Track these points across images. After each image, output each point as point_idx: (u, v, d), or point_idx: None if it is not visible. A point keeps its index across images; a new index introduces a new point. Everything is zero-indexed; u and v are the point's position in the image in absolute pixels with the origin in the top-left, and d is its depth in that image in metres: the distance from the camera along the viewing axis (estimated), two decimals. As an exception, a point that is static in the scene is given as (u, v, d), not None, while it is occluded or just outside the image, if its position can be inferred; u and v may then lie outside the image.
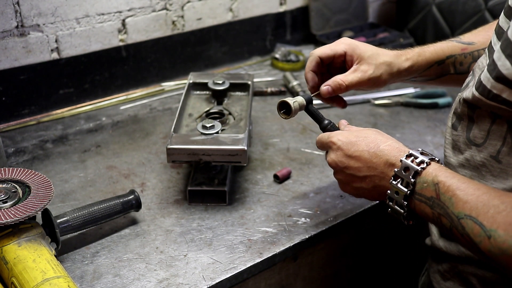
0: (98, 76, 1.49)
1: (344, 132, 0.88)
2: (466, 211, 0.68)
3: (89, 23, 1.41)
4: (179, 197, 1.12)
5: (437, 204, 0.72)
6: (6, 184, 0.92)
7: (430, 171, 0.75)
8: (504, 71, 0.69)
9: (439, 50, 1.03)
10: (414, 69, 1.02)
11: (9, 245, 0.84)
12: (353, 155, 0.84)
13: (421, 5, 1.89)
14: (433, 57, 1.03)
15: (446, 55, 1.03)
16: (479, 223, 0.66)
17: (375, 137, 0.84)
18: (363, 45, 1.00)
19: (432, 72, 1.05)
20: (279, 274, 1.08)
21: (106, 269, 0.94)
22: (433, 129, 1.40)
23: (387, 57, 1.00)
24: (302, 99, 0.95)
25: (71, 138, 1.34)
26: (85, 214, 0.96)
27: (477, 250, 0.67)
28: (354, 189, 0.86)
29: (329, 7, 1.85)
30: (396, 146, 0.82)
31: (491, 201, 0.66)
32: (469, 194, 0.69)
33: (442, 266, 0.88)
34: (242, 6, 1.68)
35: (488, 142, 0.76)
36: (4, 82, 1.34)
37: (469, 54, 1.04)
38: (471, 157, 0.79)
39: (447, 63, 1.04)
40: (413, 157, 0.77)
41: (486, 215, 0.66)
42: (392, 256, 1.38)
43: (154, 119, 1.43)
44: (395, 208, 0.79)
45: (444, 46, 1.04)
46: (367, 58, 0.98)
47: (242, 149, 1.03)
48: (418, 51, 1.03)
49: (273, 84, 1.62)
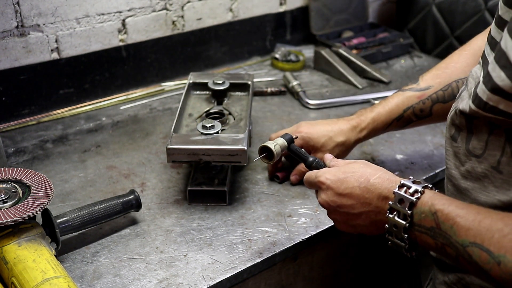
0: (98, 76, 1.49)
1: (332, 169, 0.85)
2: (471, 238, 0.65)
3: (89, 23, 1.41)
4: (179, 197, 1.12)
5: (438, 234, 0.70)
6: (6, 184, 0.92)
7: (425, 200, 0.73)
8: (499, 83, 0.67)
9: (395, 107, 1.11)
10: (372, 134, 1.14)
11: (9, 245, 0.84)
12: (344, 193, 0.81)
13: (421, 5, 1.89)
14: (390, 116, 1.11)
15: (402, 109, 1.10)
16: (486, 249, 0.64)
17: (364, 171, 0.81)
18: (316, 134, 1.12)
19: (393, 127, 1.13)
20: (279, 274, 1.08)
21: (106, 269, 0.94)
22: (433, 129, 1.40)
23: (340, 137, 1.12)
24: (282, 141, 0.96)
25: (71, 138, 1.34)
26: (85, 214, 0.96)
27: (488, 277, 0.65)
28: (352, 227, 0.84)
29: (329, 7, 1.85)
30: (386, 178, 0.79)
31: (494, 225, 0.64)
32: (470, 220, 0.66)
33: (448, 277, 0.86)
34: (242, 6, 1.68)
35: (487, 153, 0.74)
36: (4, 82, 1.34)
37: (427, 99, 1.09)
38: (472, 169, 0.77)
39: (406, 116, 1.11)
40: (406, 187, 0.75)
41: (491, 240, 0.63)
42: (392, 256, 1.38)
43: (154, 119, 1.43)
44: (396, 242, 0.77)
45: (400, 101, 1.11)
46: (321, 147, 1.12)
47: (242, 149, 1.03)
48: (373, 117, 1.12)
49: (273, 84, 1.62)
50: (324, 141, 1.11)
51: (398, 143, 1.32)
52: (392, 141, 1.33)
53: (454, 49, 1.16)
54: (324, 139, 1.11)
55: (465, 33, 1.76)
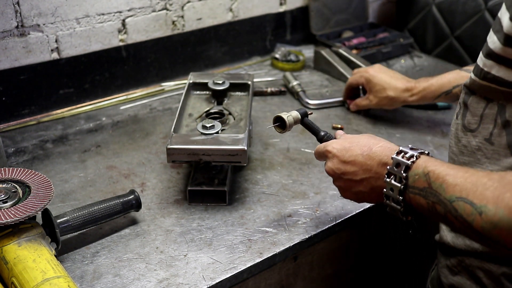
0: (98, 76, 1.49)
1: (339, 140, 0.92)
2: (457, 193, 0.70)
3: (89, 23, 1.41)
4: (179, 197, 1.12)
5: (430, 193, 0.74)
6: (6, 184, 0.92)
7: (420, 163, 0.77)
8: (491, 46, 0.74)
9: (446, 82, 1.26)
10: (421, 101, 1.32)
11: (9, 245, 0.84)
12: (348, 160, 0.87)
13: (421, 5, 1.89)
14: (440, 89, 1.27)
15: (452, 85, 1.25)
16: (470, 202, 0.68)
17: (368, 141, 0.87)
18: (377, 79, 1.36)
19: (442, 99, 1.29)
20: (279, 274, 1.08)
21: (106, 269, 0.94)
22: (433, 129, 1.40)
23: (392, 91, 1.33)
24: (296, 113, 1.00)
25: (71, 138, 1.34)
26: (85, 214, 0.96)
27: (472, 230, 0.68)
28: (354, 194, 0.89)
29: (329, 7, 1.85)
30: (388, 146, 0.85)
31: (479, 180, 0.68)
32: (458, 177, 0.71)
33: (450, 260, 0.89)
34: (242, 6, 1.68)
35: (481, 127, 0.80)
36: (4, 82, 1.34)
37: None
38: (467, 143, 0.83)
39: (454, 92, 1.25)
40: (403, 153, 0.80)
41: (475, 193, 0.67)
42: (392, 256, 1.38)
43: (154, 119, 1.43)
44: (392, 205, 0.80)
45: (452, 77, 1.26)
46: (375, 91, 1.37)
47: (242, 149, 1.03)
48: (425, 86, 1.29)
49: (273, 84, 1.62)
50: (378, 89, 1.35)
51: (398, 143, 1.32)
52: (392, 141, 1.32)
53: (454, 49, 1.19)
54: (379, 87, 1.35)
55: (465, 33, 1.76)
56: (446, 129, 1.40)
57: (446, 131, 1.39)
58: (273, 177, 1.19)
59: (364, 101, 1.40)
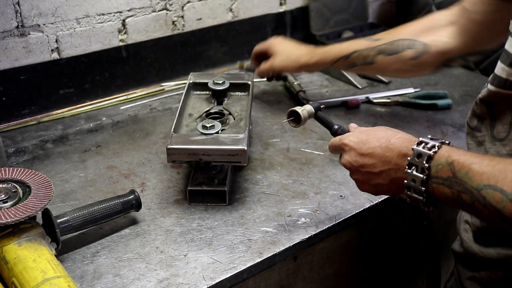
0: (98, 76, 1.49)
1: (355, 132, 0.90)
2: (485, 181, 0.69)
3: (89, 23, 1.42)
4: (179, 197, 1.12)
5: (455, 182, 0.73)
6: (6, 184, 0.92)
7: (442, 153, 0.76)
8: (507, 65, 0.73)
9: (344, 47, 1.30)
10: (321, 63, 1.34)
11: (9, 245, 0.84)
12: (366, 153, 0.85)
13: (421, 5, 1.89)
14: (338, 54, 1.30)
15: (350, 51, 1.28)
16: (499, 189, 0.67)
17: (385, 133, 0.85)
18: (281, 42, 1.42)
19: (340, 64, 1.32)
20: (279, 274, 1.08)
21: (106, 269, 0.94)
22: (432, 129, 1.40)
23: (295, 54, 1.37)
24: (310, 107, 0.99)
25: (71, 138, 1.34)
26: (85, 214, 0.96)
27: (502, 217, 0.67)
28: (373, 187, 0.87)
29: (329, 7, 1.85)
30: (406, 137, 0.83)
31: (507, 167, 0.67)
32: (485, 165, 0.70)
33: (479, 273, 0.87)
34: (242, 6, 1.68)
35: (511, 135, 0.78)
36: (5, 82, 1.34)
37: (373, 49, 1.25)
38: (497, 153, 0.81)
39: (353, 57, 1.28)
40: (424, 143, 0.78)
41: (505, 180, 0.67)
42: (392, 256, 1.38)
43: (154, 119, 1.43)
44: (414, 196, 0.79)
45: (350, 44, 1.31)
46: (278, 53, 1.39)
47: (242, 149, 1.03)
48: (325, 50, 1.33)
49: (273, 84, 1.62)
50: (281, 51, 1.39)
51: (398, 143, 1.32)
52: (392, 141, 1.33)
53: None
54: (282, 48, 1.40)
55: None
56: (446, 129, 1.40)
57: (446, 131, 1.39)
58: (273, 177, 1.19)
59: (267, 64, 1.41)
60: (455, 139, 1.35)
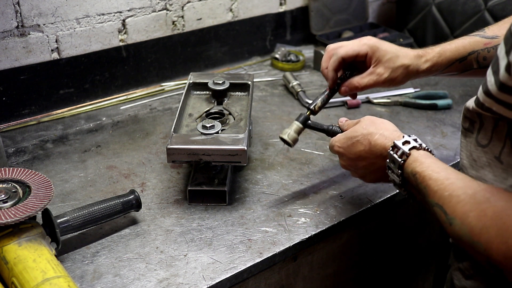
0: (98, 76, 1.49)
1: (341, 137, 0.98)
2: (436, 200, 0.76)
3: (89, 23, 1.42)
4: (179, 197, 1.12)
5: (418, 191, 0.81)
6: (6, 184, 0.92)
7: (409, 163, 0.83)
8: (490, 87, 0.72)
9: (461, 47, 1.06)
10: (434, 69, 1.07)
11: (9, 245, 0.84)
12: (355, 157, 0.95)
13: (421, 5, 1.89)
14: (454, 55, 1.06)
15: (468, 51, 1.06)
16: (444, 211, 0.74)
17: (366, 132, 0.93)
18: (385, 46, 1.05)
19: (453, 68, 1.08)
20: (279, 274, 1.08)
21: (106, 269, 0.94)
22: (432, 129, 1.40)
23: (406, 59, 1.05)
24: (296, 125, 1.07)
25: (71, 138, 1.34)
26: (85, 214, 0.96)
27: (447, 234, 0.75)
28: (374, 179, 0.97)
29: (329, 7, 1.85)
30: (385, 136, 0.91)
31: (454, 192, 0.73)
32: (439, 184, 0.76)
33: (463, 264, 0.89)
34: (242, 6, 1.68)
35: (492, 143, 0.78)
36: (5, 82, 1.34)
37: (493, 48, 1.04)
38: (478, 158, 0.82)
39: (470, 59, 1.06)
40: (396, 149, 0.86)
41: (449, 204, 0.73)
42: (392, 255, 1.38)
43: (154, 119, 1.43)
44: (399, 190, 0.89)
45: (466, 43, 1.06)
46: (385, 61, 1.04)
47: (242, 149, 1.03)
48: (439, 51, 1.06)
49: (273, 84, 1.62)
50: (390, 57, 1.04)
51: (398, 143, 1.32)
52: (392, 141, 1.33)
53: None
54: (390, 55, 1.04)
55: (465, 33, 1.75)
56: (446, 129, 1.40)
57: (446, 131, 1.39)
58: (273, 177, 1.19)
59: (370, 77, 1.05)
60: (455, 139, 1.35)
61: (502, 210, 0.67)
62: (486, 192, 0.71)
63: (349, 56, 1.05)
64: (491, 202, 0.69)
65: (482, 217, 0.69)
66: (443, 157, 1.28)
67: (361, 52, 1.04)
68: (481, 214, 0.69)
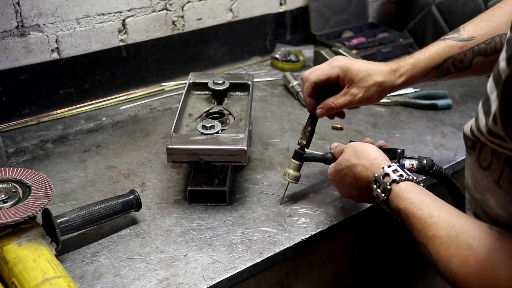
0: (98, 76, 1.49)
1: (331, 169, 1.02)
2: (420, 238, 0.77)
3: (89, 23, 1.42)
4: (179, 197, 1.12)
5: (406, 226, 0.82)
6: (6, 184, 0.92)
7: (392, 199, 0.85)
8: (481, 127, 0.69)
9: (435, 55, 1.04)
10: (410, 82, 1.05)
11: (9, 245, 0.84)
12: (346, 187, 1.00)
13: (421, 5, 1.89)
14: (430, 64, 1.04)
15: (443, 58, 1.04)
16: (428, 251, 0.75)
17: (350, 164, 0.96)
18: (356, 66, 1.04)
19: (431, 76, 1.06)
20: (279, 274, 1.08)
21: (106, 269, 0.94)
22: (432, 129, 1.40)
23: (379, 76, 1.04)
24: (294, 163, 1.09)
25: (71, 138, 1.34)
26: (85, 214, 0.96)
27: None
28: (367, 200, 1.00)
29: (329, 7, 1.85)
30: (366, 168, 0.93)
31: (437, 233, 0.74)
32: (423, 223, 0.77)
33: None
34: (242, 6, 1.68)
35: (492, 167, 0.75)
36: (5, 82, 1.34)
37: (469, 51, 1.03)
38: (480, 180, 0.78)
39: (446, 65, 1.04)
40: (378, 184, 0.88)
41: (433, 245, 0.74)
42: (392, 255, 1.38)
43: (154, 119, 1.43)
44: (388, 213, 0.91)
45: (441, 49, 1.04)
46: (358, 81, 1.03)
47: (242, 149, 1.03)
48: (413, 63, 1.04)
49: (273, 84, 1.62)
50: (363, 76, 1.03)
51: (398, 143, 1.33)
52: (392, 141, 1.34)
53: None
54: (363, 74, 1.03)
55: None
56: (446, 129, 1.40)
57: (446, 131, 1.39)
58: (273, 177, 1.19)
59: (344, 97, 1.05)
60: (455, 139, 1.35)
61: (484, 260, 0.68)
62: (468, 237, 0.70)
63: (321, 80, 1.04)
64: (473, 249, 0.69)
65: (465, 265, 0.69)
66: (443, 157, 1.28)
67: (332, 75, 1.04)
68: (464, 261, 0.69)
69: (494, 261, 0.67)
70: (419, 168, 1.00)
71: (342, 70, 1.04)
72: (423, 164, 1.00)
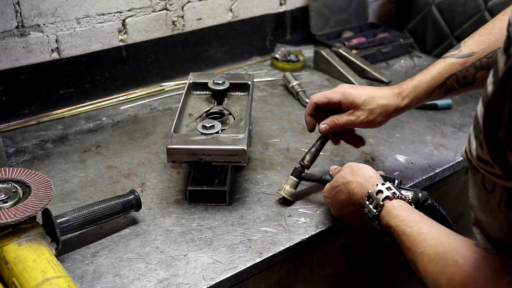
0: (98, 76, 1.49)
1: (327, 187, 1.04)
2: (410, 256, 0.78)
3: (89, 23, 1.42)
4: (179, 197, 1.13)
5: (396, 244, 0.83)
6: (6, 184, 0.92)
7: (383, 215, 0.86)
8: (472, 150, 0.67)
9: (437, 74, 1.05)
10: (414, 103, 1.07)
11: (9, 245, 0.84)
12: (341, 206, 1.00)
13: (421, 5, 1.89)
14: (431, 84, 1.06)
15: (445, 77, 1.05)
16: (417, 268, 0.76)
17: (346, 181, 0.96)
18: (359, 91, 1.07)
19: (435, 95, 1.07)
20: (279, 274, 1.08)
21: (106, 269, 0.94)
22: (432, 129, 1.40)
23: (382, 100, 1.06)
24: (292, 180, 1.10)
25: (71, 138, 1.34)
26: (85, 214, 0.96)
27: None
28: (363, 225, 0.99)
29: (329, 7, 1.85)
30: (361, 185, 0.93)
31: (425, 251, 0.74)
32: (412, 240, 0.78)
33: None
34: (242, 6, 1.68)
35: (496, 190, 0.72)
36: (5, 82, 1.34)
37: (471, 66, 1.04)
38: (486, 202, 0.76)
39: (449, 83, 1.05)
40: (371, 199, 0.88)
41: (421, 262, 0.75)
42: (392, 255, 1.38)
43: (154, 119, 1.43)
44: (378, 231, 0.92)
45: (442, 69, 1.05)
46: (361, 104, 1.06)
47: (242, 149, 1.03)
48: (414, 85, 1.06)
49: (273, 84, 1.62)
50: (366, 99, 1.05)
51: (398, 143, 1.33)
52: (392, 141, 1.34)
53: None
54: (365, 97, 1.06)
55: (465, 33, 1.76)
56: (446, 129, 1.40)
57: (446, 131, 1.39)
58: (273, 177, 1.19)
59: (348, 117, 1.07)
60: (455, 139, 1.35)
61: (468, 277, 0.68)
62: (455, 254, 0.71)
63: (321, 102, 1.08)
64: (459, 266, 0.69)
65: (451, 281, 0.69)
66: (443, 157, 1.28)
67: (333, 99, 1.07)
68: (450, 277, 0.70)
69: (478, 277, 0.67)
70: (414, 199, 0.97)
71: (343, 95, 1.07)
72: (418, 196, 0.98)
